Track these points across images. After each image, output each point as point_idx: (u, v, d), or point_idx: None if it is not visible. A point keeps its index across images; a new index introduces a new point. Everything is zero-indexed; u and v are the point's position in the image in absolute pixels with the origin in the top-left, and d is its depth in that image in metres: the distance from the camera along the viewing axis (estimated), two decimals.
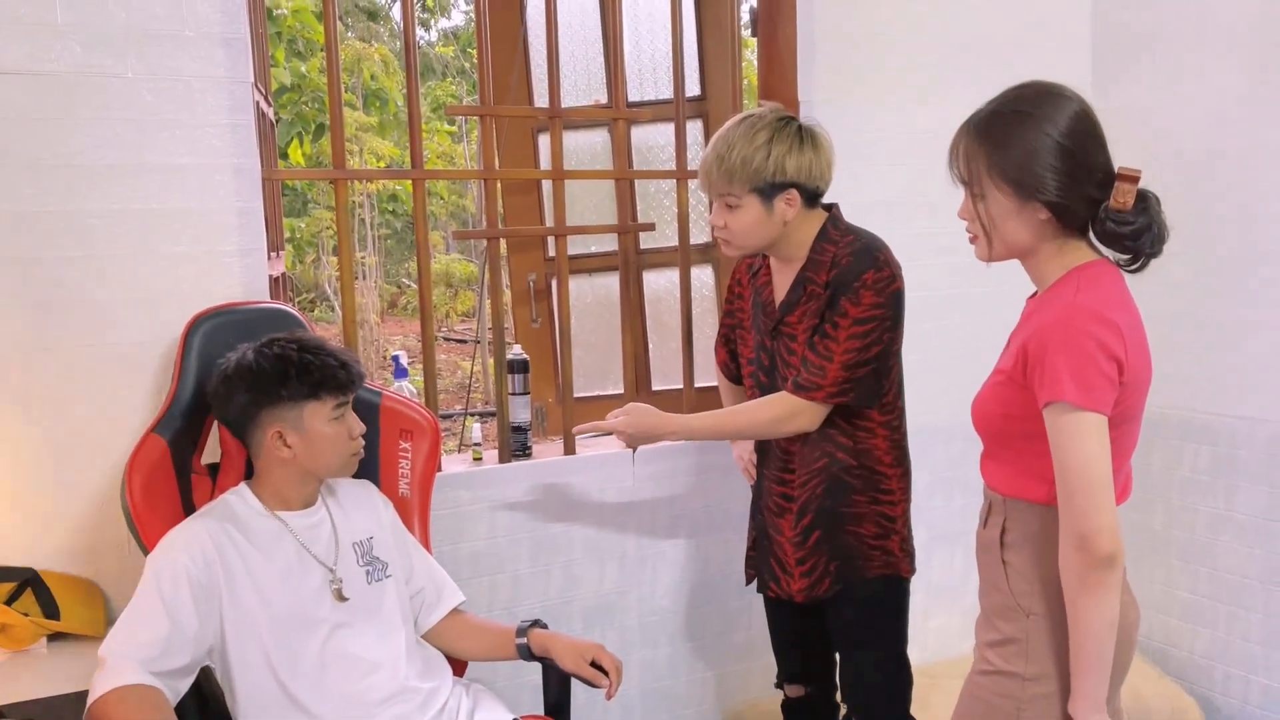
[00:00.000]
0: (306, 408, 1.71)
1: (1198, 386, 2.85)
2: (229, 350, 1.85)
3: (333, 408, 1.74)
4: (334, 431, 1.74)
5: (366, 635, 1.76)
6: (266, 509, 1.76)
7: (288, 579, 1.72)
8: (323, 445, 1.74)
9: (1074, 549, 1.34)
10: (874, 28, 2.74)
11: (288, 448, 1.72)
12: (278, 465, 1.75)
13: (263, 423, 1.72)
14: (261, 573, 1.70)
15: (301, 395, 1.71)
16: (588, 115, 2.77)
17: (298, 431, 1.72)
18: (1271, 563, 2.70)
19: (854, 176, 2.62)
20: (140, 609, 1.62)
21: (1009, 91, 1.46)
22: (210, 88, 2.03)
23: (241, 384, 1.72)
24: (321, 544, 1.79)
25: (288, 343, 1.74)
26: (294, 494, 1.78)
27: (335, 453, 1.76)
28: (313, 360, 1.73)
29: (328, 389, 1.73)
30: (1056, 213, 1.41)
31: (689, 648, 2.69)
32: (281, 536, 1.75)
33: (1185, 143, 2.83)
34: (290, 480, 1.77)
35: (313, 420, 1.72)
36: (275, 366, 1.71)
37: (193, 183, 2.04)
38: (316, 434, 1.73)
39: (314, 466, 1.76)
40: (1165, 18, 2.87)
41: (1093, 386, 1.33)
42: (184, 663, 1.61)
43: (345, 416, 1.77)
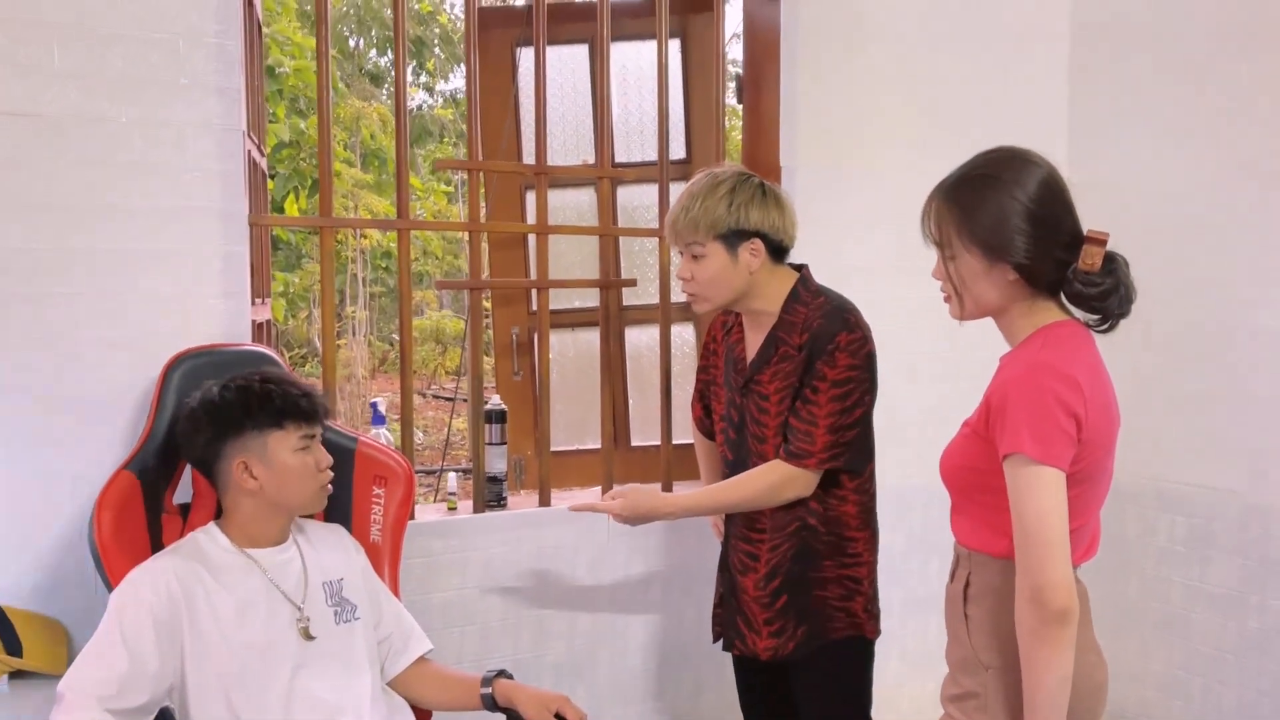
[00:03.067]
0: (271, 437, 1.71)
1: (1173, 457, 2.87)
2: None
3: (298, 438, 1.73)
4: (300, 463, 1.74)
5: (331, 677, 1.74)
6: (235, 546, 1.75)
7: (254, 615, 1.70)
8: (289, 476, 1.73)
9: (1028, 602, 1.35)
10: (855, 98, 2.82)
11: (254, 479, 1.71)
12: (246, 498, 1.74)
13: (228, 454, 1.71)
14: (226, 609, 1.68)
15: (265, 424, 1.71)
16: (573, 173, 2.82)
17: (263, 462, 1.71)
18: (1245, 636, 2.69)
19: (834, 242, 2.68)
20: (101, 645, 1.60)
21: (979, 156, 1.51)
22: (201, 134, 2.08)
23: (206, 418, 1.72)
24: (291, 581, 1.77)
25: (250, 375, 1.76)
26: (262, 530, 1.77)
27: (302, 484, 1.75)
28: (275, 389, 1.73)
29: (291, 417, 1.73)
30: (1024, 274, 1.45)
31: (659, 707, 2.66)
32: (249, 572, 1.73)
33: (1160, 212, 2.89)
34: (258, 515, 1.76)
35: (278, 450, 1.72)
36: (238, 397, 1.72)
37: (179, 225, 2.08)
38: (282, 465, 1.72)
39: (281, 498, 1.74)
40: (1141, 90, 2.95)
41: (1051, 441, 1.35)
42: (142, 701, 1.59)
43: (312, 448, 1.77)
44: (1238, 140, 2.69)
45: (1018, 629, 1.38)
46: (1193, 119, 2.80)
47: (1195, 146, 2.80)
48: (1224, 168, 2.72)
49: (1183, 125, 2.83)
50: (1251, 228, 2.66)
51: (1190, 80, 2.81)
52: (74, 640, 2.01)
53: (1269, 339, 2.62)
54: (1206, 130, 2.76)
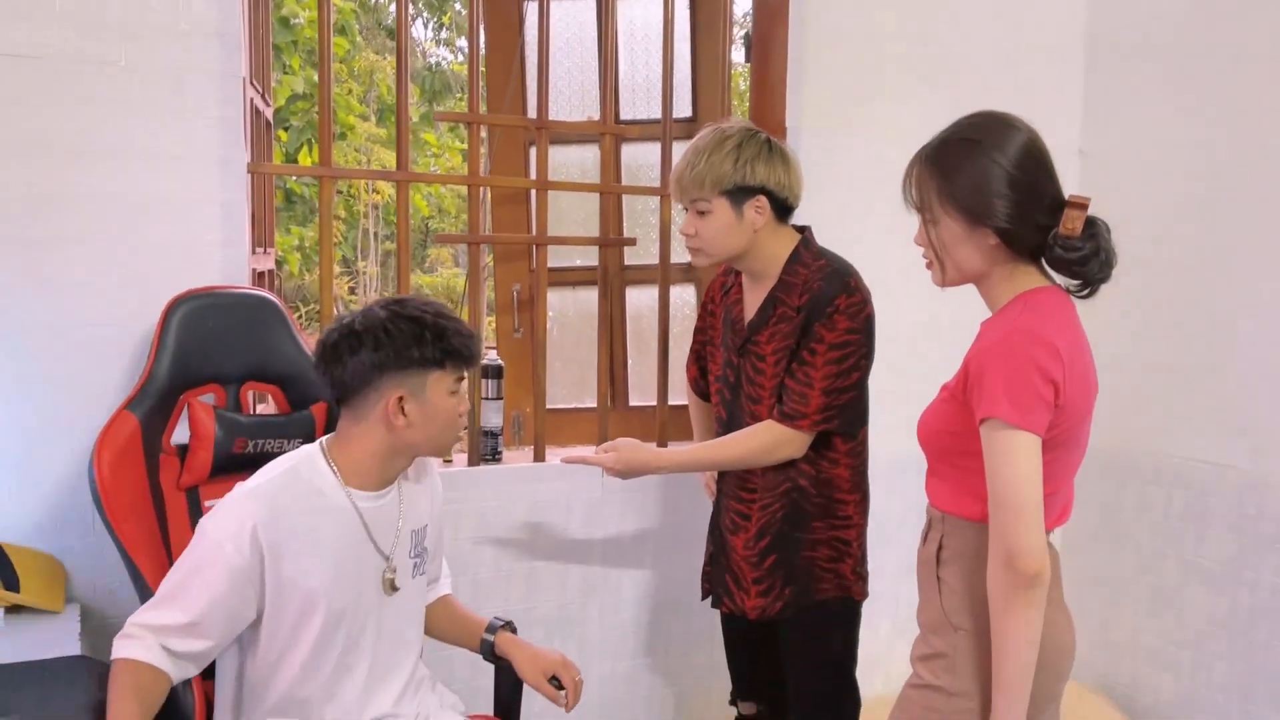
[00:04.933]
0: (431, 376, 1.63)
1: (1172, 431, 2.86)
2: (206, 332, 1.86)
3: (454, 380, 1.66)
4: (451, 406, 1.66)
5: (400, 628, 1.74)
6: (340, 481, 1.65)
7: (343, 569, 1.64)
8: (439, 419, 1.65)
9: (1001, 566, 1.36)
10: (865, 60, 2.78)
11: (404, 416, 1.61)
12: (383, 434, 1.64)
13: (383, 386, 1.61)
14: (314, 561, 1.60)
15: (431, 362, 1.62)
16: (575, 128, 2.81)
17: (418, 400, 1.62)
18: (1237, 611, 2.69)
19: (839, 204, 2.66)
20: (174, 590, 1.55)
21: (959, 121, 1.50)
22: (201, 80, 2.08)
23: (370, 341, 1.60)
24: (384, 530, 1.70)
25: (421, 306, 1.65)
26: (379, 471, 1.68)
27: (447, 429, 1.68)
28: (448, 327, 1.64)
29: (455, 360, 1.64)
30: (1005, 239, 1.44)
31: (649, 663, 2.69)
32: (347, 519, 1.65)
33: (1170, 184, 2.86)
34: (387, 454, 1.67)
35: (435, 390, 1.63)
36: (410, 328, 1.61)
37: (179, 172, 2.08)
38: (435, 406, 1.64)
39: (422, 440, 1.67)
40: (1158, 60, 2.91)
41: (1027, 407, 1.35)
42: (202, 647, 1.55)
43: (460, 393, 1.69)
44: (1252, 114, 2.65)
45: (989, 592, 1.38)
46: (1207, 93, 2.76)
47: (1209, 120, 2.76)
48: (1236, 142, 2.69)
49: (1197, 98, 2.78)
50: (1260, 202, 2.62)
51: (1206, 54, 2.76)
52: (72, 579, 2.05)
53: (1273, 314, 2.59)
54: (1221, 104, 2.72)
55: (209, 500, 1.92)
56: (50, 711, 1.47)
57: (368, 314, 1.63)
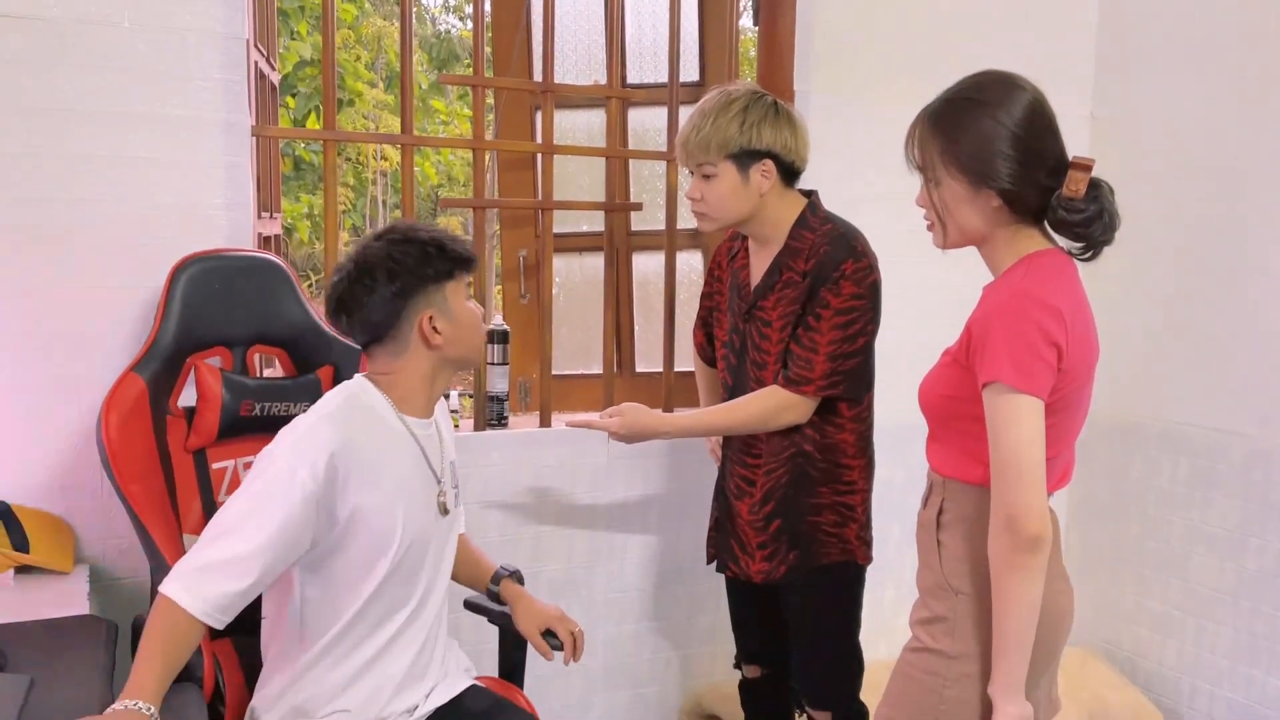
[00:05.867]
0: (448, 287, 1.65)
1: (1179, 398, 2.85)
2: (212, 295, 1.86)
3: (465, 285, 1.70)
4: (472, 310, 1.71)
5: (446, 555, 1.78)
6: (395, 410, 1.67)
7: (413, 491, 1.67)
8: (469, 324, 1.69)
9: (1002, 529, 1.36)
10: (873, 20, 2.75)
11: (438, 333, 1.64)
12: (424, 357, 1.67)
13: (411, 312, 1.63)
14: (385, 486, 1.61)
15: (443, 274, 1.64)
16: (580, 92, 2.79)
17: (444, 314, 1.65)
18: (1243, 578, 2.70)
19: (847, 168, 2.64)
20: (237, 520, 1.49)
21: (964, 80, 1.48)
22: (205, 42, 2.07)
23: (383, 275, 1.61)
24: (434, 454, 1.74)
25: (409, 228, 1.67)
26: (427, 396, 1.71)
27: (477, 333, 1.72)
28: (443, 238, 1.66)
29: (461, 266, 1.67)
30: (1008, 200, 1.43)
31: (654, 627, 2.71)
32: (408, 445, 1.68)
33: (1181, 149, 2.83)
34: (432, 376, 1.70)
35: (455, 299, 1.67)
36: (415, 249, 1.63)
37: (182, 134, 2.08)
38: (460, 314, 1.67)
39: (463, 351, 1.70)
40: (1170, 26, 2.87)
41: (1030, 371, 1.35)
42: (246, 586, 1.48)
43: (473, 296, 1.74)
44: (1262, 80, 2.61)
45: (990, 555, 1.38)
46: (1219, 58, 2.72)
47: (1220, 84, 2.72)
48: (1247, 107, 2.65)
49: (1209, 64, 2.75)
50: (1270, 168, 2.60)
51: (1219, 17, 2.72)
52: (81, 540, 2.07)
53: (1276, 278, 2.57)
54: (1233, 68, 2.69)
55: (217, 462, 1.93)
56: (59, 668, 1.49)
57: (366, 251, 1.63)
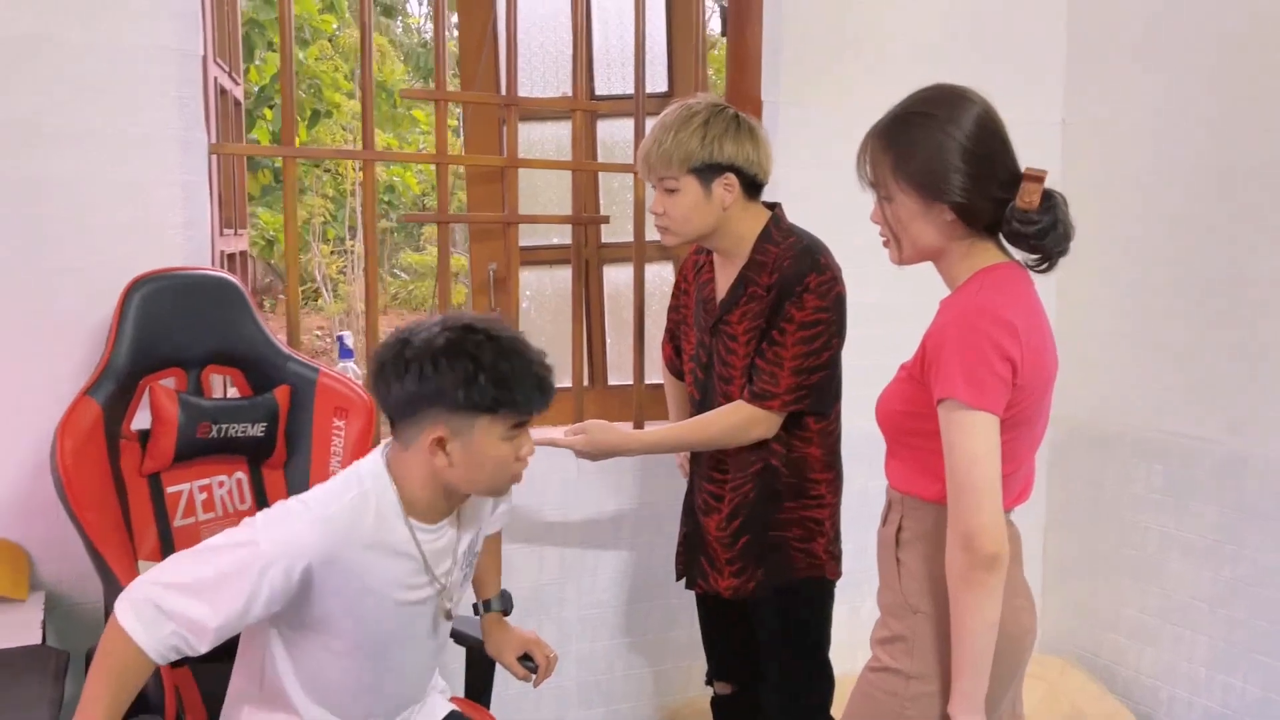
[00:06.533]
0: (480, 421, 1.44)
1: (1153, 405, 2.84)
2: (165, 315, 1.82)
3: (509, 427, 1.46)
4: (503, 453, 1.48)
5: (440, 636, 1.70)
6: (402, 511, 1.51)
7: (400, 598, 1.53)
8: (486, 467, 1.48)
9: (959, 547, 1.35)
10: (841, 31, 2.75)
11: (445, 456, 1.46)
12: (425, 470, 1.50)
13: (423, 421, 1.45)
14: (363, 597, 1.49)
15: (480, 407, 1.43)
16: (544, 105, 2.77)
17: (462, 443, 1.45)
18: (1218, 585, 2.68)
19: (815, 179, 2.62)
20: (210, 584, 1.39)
21: (912, 95, 1.48)
22: (159, 59, 2.04)
23: (415, 370, 1.43)
24: (441, 560, 1.59)
25: (484, 337, 1.44)
26: (429, 506, 1.54)
27: (498, 475, 1.51)
28: (509, 372, 1.43)
29: (510, 409, 1.45)
30: (962, 213, 1.42)
31: (627, 643, 2.69)
32: (407, 554, 1.53)
33: (1153, 155, 2.83)
34: (432, 492, 1.52)
35: (484, 437, 1.45)
36: (463, 366, 1.42)
37: (137, 153, 2.05)
38: (482, 453, 1.46)
39: (465, 485, 1.51)
40: (1140, 31, 2.86)
41: (984, 386, 1.33)
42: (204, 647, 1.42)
43: (520, 436, 1.50)
44: (1233, 85, 2.61)
45: (948, 573, 1.37)
46: (1189, 64, 2.72)
47: (1191, 91, 2.72)
48: (1218, 113, 2.65)
49: (1179, 70, 2.74)
50: (1241, 173, 2.59)
51: (1188, 24, 2.72)
52: (36, 566, 2.03)
53: (1253, 287, 2.57)
54: (1202, 75, 2.68)
55: (172, 486, 1.90)
56: (4, 703, 1.45)
57: (426, 336, 1.45)
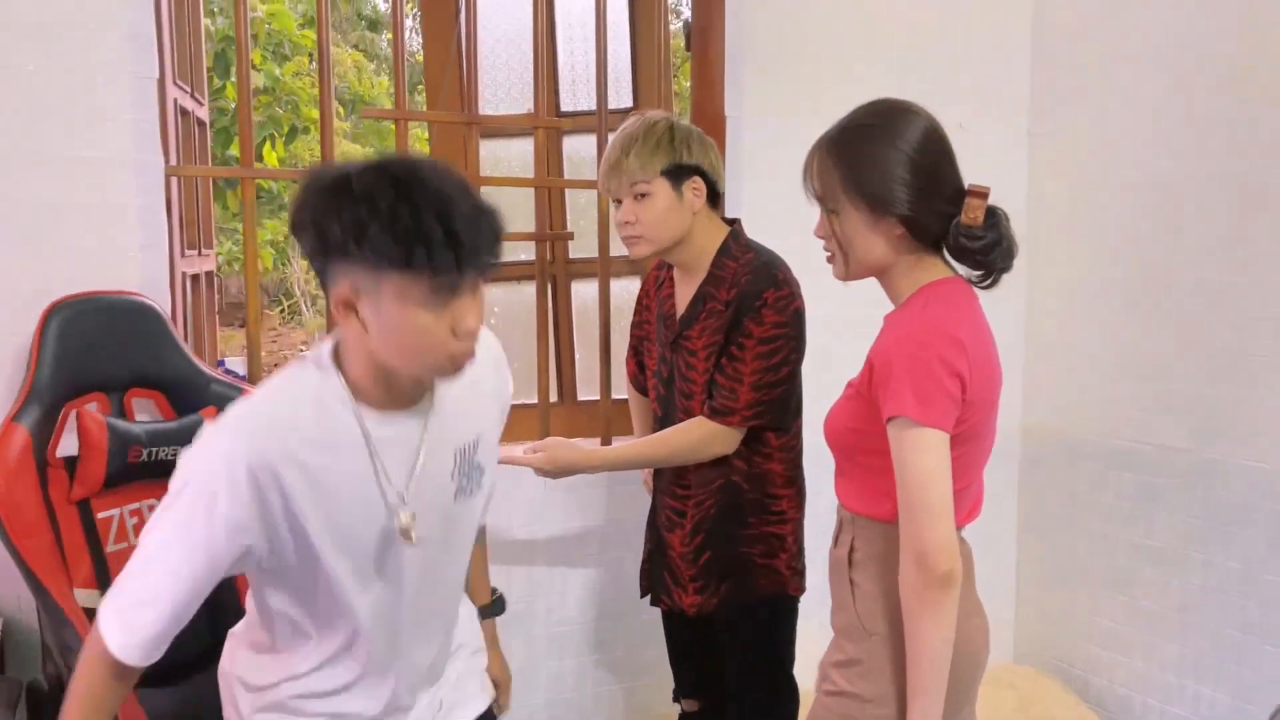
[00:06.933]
0: (388, 281, 1.15)
1: (1122, 415, 2.84)
2: (85, 339, 1.81)
3: (429, 289, 1.15)
4: (424, 324, 1.17)
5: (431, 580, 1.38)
6: (350, 397, 1.26)
7: (347, 510, 1.27)
8: (408, 339, 1.18)
9: (912, 566, 1.34)
10: (805, 44, 2.75)
11: (359, 322, 1.19)
12: (351, 341, 1.24)
13: (332, 275, 1.19)
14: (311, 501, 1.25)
15: (381, 261, 1.14)
16: (506, 123, 2.78)
17: (373, 307, 1.17)
18: (1188, 594, 2.69)
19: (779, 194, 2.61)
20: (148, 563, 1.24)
21: (860, 109, 1.48)
22: (114, 82, 2.04)
23: (316, 210, 1.17)
24: (399, 461, 1.30)
25: (392, 177, 1.15)
26: (377, 390, 1.27)
27: (425, 352, 1.20)
28: (407, 217, 1.12)
29: (423, 262, 1.13)
30: (910, 227, 1.42)
31: (596, 660, 2.67)
32: (354, 448, 1.27)
33: (1118, 166, 2.84)
34: (373, 372, 1.25)
35: (397, 301, 1.16)
36: (363, 205, 1.13)
37: (92, 176, 2.05)
38: (399, 321, 1.17)
39: (394, 361, 1.23)
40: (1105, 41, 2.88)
41: (934, 403, 1.33)
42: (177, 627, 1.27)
43: (452, 305, 1.18)
44: (1197, 95, 2.62)
45: (901, 593, 1.36)
46: (1155, 73, 2.73)
47: (1156, 100, 2.73)
48: (1183, 123, 2.66)
49: (1144, 79, 2.76)
50: (1205, 184, 2.60)
51: (1153, 34, 2.74)
52: None
53: (1217, 297, 2.58)
54: (1167, 85, 2.70)
55: (102, 512, 1.88)
56: None
57: (343, 169, 1.18)
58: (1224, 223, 2.56)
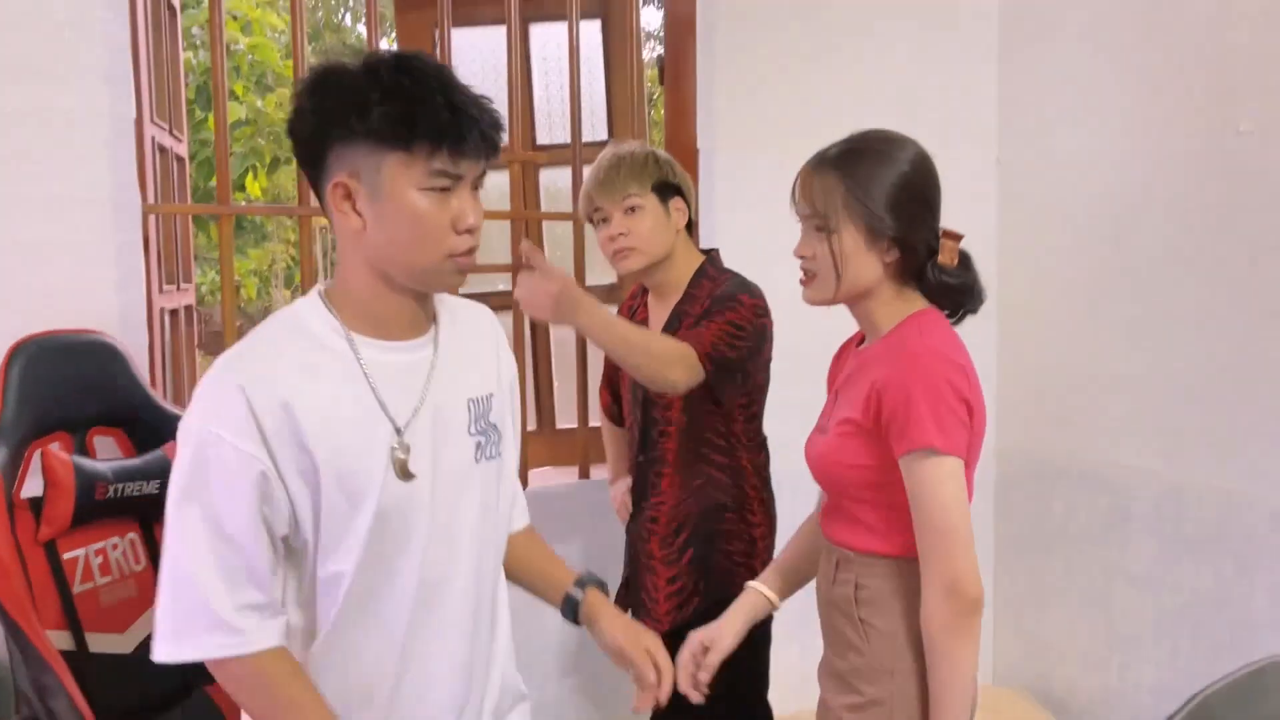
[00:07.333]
0: (388, 160, 1.13)
1: (1094, 438, 2.88)
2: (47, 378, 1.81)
3: (430, 172, 1.14)
4: (424, 209, 1.14)
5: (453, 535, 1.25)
6: (341, 325, 1.20)
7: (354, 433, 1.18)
8: (405, 226, 1.14)
9: (943, 596, 1.33)
10: (776, 77, 2.80)
11: (355, 214, 1.16)
12: (349, 245, 1.19)
13: (327, 166, 1.16)
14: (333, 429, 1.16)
15: (382, 135, 1.12)
16: None
17: (370, 192, 1.14)
18: (1162, 613, 2.71)
19: (750, 225, 2.67)
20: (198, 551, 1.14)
21: (855, 134, 1.48)
22: (91, 123, 2.06)
23: (317, 92, 1.15)
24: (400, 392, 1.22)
25: (399, 57, 1.15)
26: (373, 312, 1.21)
27: (425, 243, 1.16)
28: (410, 88, 1.12)
29: (425, 137, 1.12)
30: (903, 251, 1.42)
31: (579, 683, 2.68)
32: (347, 368, 1.19)
33: (1086, 192, 2.88)
34: (367, 281, 1.20)
35: (397, 182, 1.13)
36: (365, 80, 1.12)
37: (70, 215, 2.06)
38: (398, 205, 1.14)
39: (388, 254, 1.17)
40: (1071, 70, 2.94)
41: (951, 431, 1.34)
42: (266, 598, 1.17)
43: (456, 192, 1.17)
44: (1161, 123, 2.67)
45: (930, 626, 1.34)
46: (1120, 102, 2.78)
47: (1123, 127, 2.78)
48: (1147, 149, 2.71)
49: (1112, 103, 2.81)
50: (1172, 209, 2.65)
51: (1117, 60, 2.79)
52: None
53: (1185, 320, 2.62)
54: (1134, 111, 2.75)
55: (68, 552, 1.87)
56: None
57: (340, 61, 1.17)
58: (1191, 246, 2.60)
